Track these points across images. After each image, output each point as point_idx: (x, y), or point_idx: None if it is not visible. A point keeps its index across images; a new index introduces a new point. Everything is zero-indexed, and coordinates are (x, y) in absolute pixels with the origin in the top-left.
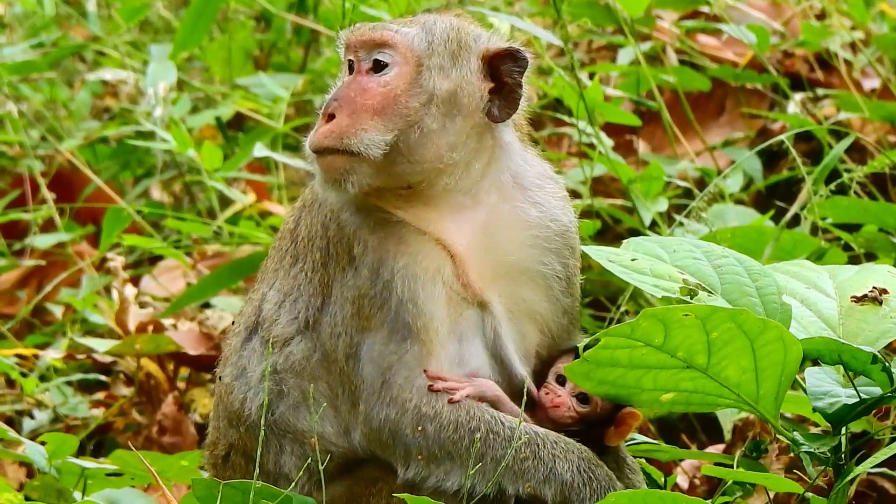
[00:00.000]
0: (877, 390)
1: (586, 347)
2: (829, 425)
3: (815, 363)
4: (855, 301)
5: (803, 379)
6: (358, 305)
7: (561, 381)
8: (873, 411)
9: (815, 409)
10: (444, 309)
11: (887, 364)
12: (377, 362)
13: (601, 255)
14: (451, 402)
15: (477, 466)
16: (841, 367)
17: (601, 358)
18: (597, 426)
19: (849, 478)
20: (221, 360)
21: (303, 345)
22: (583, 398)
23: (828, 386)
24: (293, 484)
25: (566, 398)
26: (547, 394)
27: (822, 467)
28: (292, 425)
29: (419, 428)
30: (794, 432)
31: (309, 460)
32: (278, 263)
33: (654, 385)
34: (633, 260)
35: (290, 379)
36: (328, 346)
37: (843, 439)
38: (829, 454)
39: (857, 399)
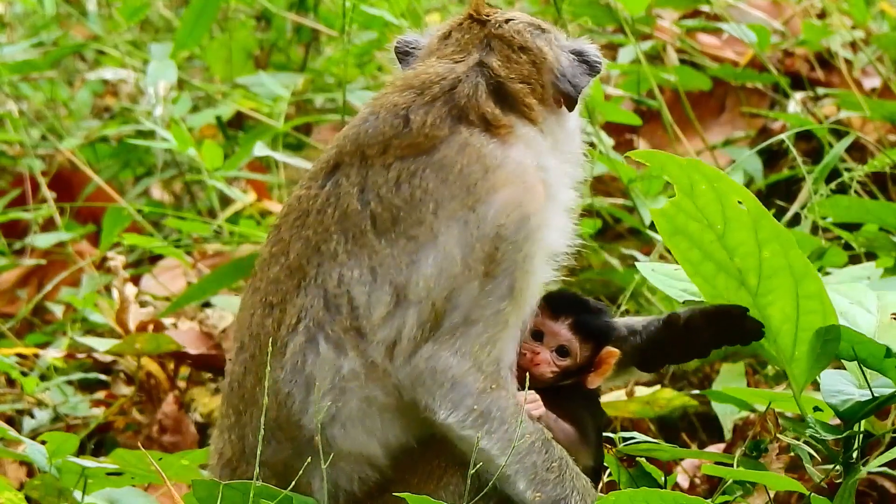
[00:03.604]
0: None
1: None
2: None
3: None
4: (895, 318)
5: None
6: (474, 255)
7: (538, 336)
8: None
9: (827, 405)
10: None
11: None
12: (466, 308)
13: (644, 268)
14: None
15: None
16: (858, 371)
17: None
18: (575, 375)
19: (857, 476)
20: (271, 360)
21: (384, 332)
22: (562, 351)
23: (842, 385)
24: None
25: (546, 354)
26: (525, 354)
27: (832, 465)
28: (338, 445)
29: (485, 390)
30: (809, 416)
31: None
32: (336, 245)
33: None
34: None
35: (353, 387)
36: (422, 294)
37: (858, 438)
38: (838, 449)
39: (871, 398)
